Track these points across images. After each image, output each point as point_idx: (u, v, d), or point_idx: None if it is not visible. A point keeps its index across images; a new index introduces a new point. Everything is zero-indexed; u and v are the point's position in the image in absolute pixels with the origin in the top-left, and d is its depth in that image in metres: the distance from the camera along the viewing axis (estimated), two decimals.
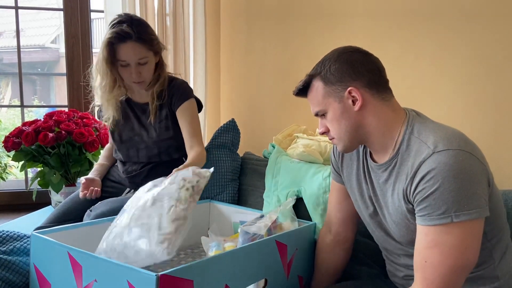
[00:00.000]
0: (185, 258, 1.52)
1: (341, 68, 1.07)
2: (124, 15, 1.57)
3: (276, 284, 1.29)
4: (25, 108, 2.49)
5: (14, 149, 2.07)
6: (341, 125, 1.08)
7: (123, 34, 1.49)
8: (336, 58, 1.08)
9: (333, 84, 1.07)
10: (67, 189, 2.09)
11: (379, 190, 1.12)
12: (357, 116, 1.07)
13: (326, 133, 1.14)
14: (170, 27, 2.23)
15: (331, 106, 1.09)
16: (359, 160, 1.19)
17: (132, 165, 1.73)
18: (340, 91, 1.07)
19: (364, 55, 1.09)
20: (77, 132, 2.06)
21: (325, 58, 1.11)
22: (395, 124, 1.07)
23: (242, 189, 1.83)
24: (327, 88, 1.08)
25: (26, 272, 1.26)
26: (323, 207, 1.52)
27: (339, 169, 1.28)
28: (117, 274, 0.98)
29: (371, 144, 1.11)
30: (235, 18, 2.39)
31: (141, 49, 1.53)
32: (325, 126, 1.13)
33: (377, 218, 1.15)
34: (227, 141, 1.85)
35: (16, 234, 1.38)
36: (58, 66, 4.79)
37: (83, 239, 1.30)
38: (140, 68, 1.55)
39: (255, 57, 2.31)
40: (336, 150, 1.27)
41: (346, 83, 1.06)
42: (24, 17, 4.27)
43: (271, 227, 1.32)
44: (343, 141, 1.11)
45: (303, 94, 1.16)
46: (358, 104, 1.06)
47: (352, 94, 1.05)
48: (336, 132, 1.10)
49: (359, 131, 1.08)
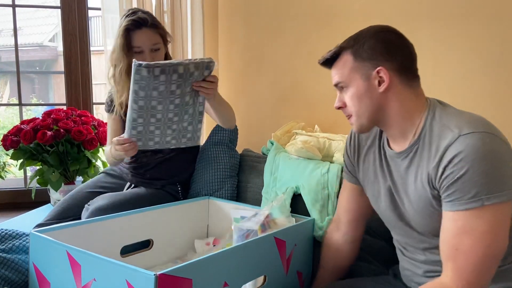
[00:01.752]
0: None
1: (375, 46, 1.03)
2: (136, 8, 1.69)
3: (275, 280, 1.29)
4: (23, 106, 2.49)
5: (13, 148, 2.07)
6: (362, 104, 1.06)
7: (139, 21, 1.58)
8: (372, 35, 1.05)
9: (364, 60, 1.04)
10: (66, 187, 2.09)
11: (400, 179, 1.09)
12: (380, 98, 1.04)
13: (342, 108, 1.11)
14: (168, 24, 2.23)
15: (356, 82, 1.06)
16: (375, 151, 1.17)
17: (143, 157, 1.75)
18: (369, 68, 1.04)
19: (400, 37, 1.06)
20: (75, 130, 2.06)
21: (360, 33, 1.07)
22: (416, 110, 1.05)
23: (241, 185, 1.83)
24: (356, 63, 1.05)
25: (25, 271, 1.26)
26: (321, 203, 1.53)
27: (353, 166, 1.25)
28: (115, 273, 0.98)
29: (389, 128, 1.08)
30: (233, 15, 2.38)
31: (155, 35, 1.62)
32: (342, 101, 1.10)
33: (397, 210, 1.11)
34: (225, 138, 1.85)
35: (15, 232, 1.38)
36: (56, 64, 4.79)
37: (83, 237, 1.30)
38: (153, 55, 1.62)
39: (253, 54, 2.31)
40: (351, 147, 1.25)
41: (377, 62, 1.03)
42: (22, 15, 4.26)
43: (265, 223, 1.32)
44: (361, 119, 1.07)
45: (328, 65, 1.13)
46: (383, 86, 1.03)
47: (380, 75, 1.03)
48: (356, 109, 1.07)
49: (379, 113, 1.06)
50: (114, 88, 1.67)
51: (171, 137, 1.47)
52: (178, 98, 1.39)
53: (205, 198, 1.72)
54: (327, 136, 1.80)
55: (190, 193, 1.81)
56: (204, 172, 1.80)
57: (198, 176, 1.81)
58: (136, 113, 1.37)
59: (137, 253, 1.46)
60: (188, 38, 2.29)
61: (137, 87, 1.32)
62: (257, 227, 1.28)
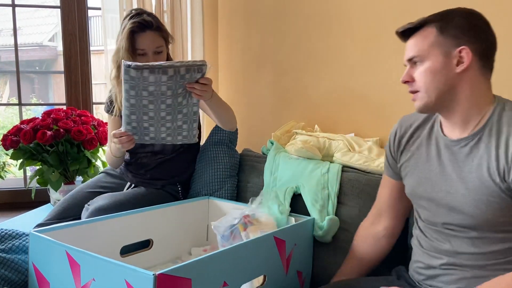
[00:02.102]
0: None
1: (465, 26, 1.02)
2: (139, 8, 1.68)
3: (275, 280, 1.29)
4: (23, 106, 2.49)
5: (13, 148, 2.07)
6: (435, 80, 1.04)
7: (145, 24, 1.58)
8: (463, 14, 1.04)
9: (448, 36, 1.03)
10: (66, 187, 2.09)
11: (455, 167, 1.07)
12: (454, 78, 1.03)
13: (409, 82, 1.09)
14: (168, 24, 2.23)
15: (434, 57, 1.04)
16: (423, 140, 1.17)
17: (143, 157, 1.75)
18: (451, 46, 1.03)
19: (488, 25, 1.05)
20: (75, 130, 2.06)
21: (452, 10, 1.06)
22: (485, 100, 1.05)
23: (241, 185, 1.83)
24: (439, 37, 1.04)
25: (25, 270, 1.26)
26: (321, 203, 1.53)
27: (394, 160, 1.25)
28: (115, 273, 0.98)
29: (452, 114, 1.07)
30: (233, 15, 2.38)
31: (159, 38, 1.63)
32: (410, 76, 1.08)
33: (447, 197, 1.09)
34: (224, 137, 1.85)
35: (15, 232, 1.38)
36: (56, 64, 4.79)
37: (82, 237, 1.30)
38: (156, 57, 1.62)
39: (253, 54, 2.31)
40: (395, 141, 1.24)
41: (461, 42, 1.02)
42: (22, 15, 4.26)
43: (246, 222, 1.33)
44: (428, 96, 1.06)
45: (405, 36, 1.10)
46: (461, 67, 1.02)
47: (462, 54, 1.02)
48: (427, 85, 1.05)
49: (449, 94, 1.04)
50: (116, 88, 1.66)
51: (166, 134, 1.49)
52: (170, 99, 1.41)
53: (205, 198, 1.72)
54: (327, 136, 1.80)
55: (190, 193, 1.81)
56: (204, 172, 1.80)
57: (198, 176, 1.81)
58: (128, 110, 1.41)
59: (137, 253, 1.46)
60: (188, 38, 2.28)
61: (128, 86, 1.35)
62: (235, 222, 1.30)
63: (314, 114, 2.09)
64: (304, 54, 2.09)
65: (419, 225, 1.21)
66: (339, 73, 1.98)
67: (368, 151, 1.67)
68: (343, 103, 1.98)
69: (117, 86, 1.65)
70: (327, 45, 2.02)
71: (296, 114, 2.14)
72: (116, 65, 1.62)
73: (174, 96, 1.40)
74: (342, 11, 1.95)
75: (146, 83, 1.35)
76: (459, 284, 1.07)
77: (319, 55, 2.05)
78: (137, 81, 1.34)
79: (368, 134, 1.88)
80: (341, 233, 1.48)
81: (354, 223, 1.47)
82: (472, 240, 1.06)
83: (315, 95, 2.07)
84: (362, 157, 1.64)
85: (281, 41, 2.18)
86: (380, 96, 1.85)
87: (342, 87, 1.98)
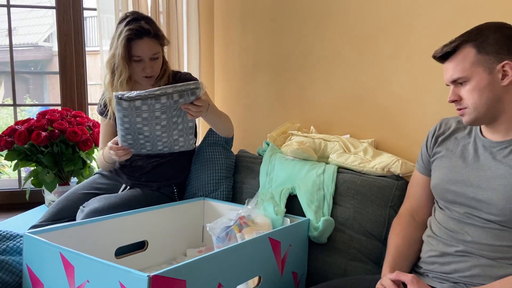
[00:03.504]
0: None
1: (501, 40, 1.07)
2: (135, 12, 1.65)
3: (270, 281, 1.29)
4: (17, 107, 2.48)
5: (7, 148, 2.06)
6: (482, 97, 1.08)
7: (142, 31, 1.56)
8: (497, 30, 1.08)
9: (488, 54, 1.07)
10: (61, 188, 2.08)
11: (492, 165, 1.12)
12: (501, 91, 1.08)
13: (457, 101, 1.13)
14: (163, 25, 2.23)
15: (478, 75, 1.08)
16: (460, 139, 1.21)
17: (138, 160, 1.76)
18: (493, 62, 1.07)
19: None
20: (70, 131, 2.05)
21: (483, 27, 1.10)
22: None
23: (237, 186, 1.83)
24: (479, 56, 1.08)
25: (19, 272, 1.25)
26: (317, 204, 1.53)
27: (430, 154, 1.29)
28: (109, 275, 0.97)
29: (497, 121, 1.12)
30: (229, 15, 2.38)
31: (156, 45, 1.61)
32: (457, 95, 1.13)
33: (477, 192, 1.12)
34: (220, 139, 1.85)
35: (9, 233, 1.37)
36: (51, 65, 4.77)
37: (77, 239, 1.30)
38: (152, 63, 1.62)
39: (249, 55, 2.31)
40: (433, 139, 1.28)
41: (502, 56, 1.06)
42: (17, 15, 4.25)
43: (242, 223, 1.33)
44: (477, 112, 1.10)
45: (443, 59, 1.15)
46: (507, 80, 1.06)
47: (505, 69, 1.06)
48: (475, 102, 1.10)
49: (497, 106, 1.09)
50: (110, 93, 1.65)
51: (163, 147, 1.51)
52: (165, 121, 1.42)
53: (200, 199, 1.72)
54: (323, 137, 1.80)
55: (186, 194, 1.81)
56: (199, 173, 1.80)
57: (194, 177, 1.81)
58: (123, 132, 1.42)
59: (132, 255, 1.45)
60: (184, 39, 2.28)
61: (121, 114, 1.36)
62: (231, 223, 1.30)
63: (310, 115, 2.09)
64: (300, 55, 2.10)
65: (436, 215, 1.23)
66: (335, 74, 1.99)
67: (363, 152, 1.67)
68: (338, 105, 1.99)
69: (111, 91, 1.64)
70: (323, 46, 2.02)
71: (292, 115, 2.14)
72: (110, 70, 1.61)
73: (168, 118, 1.42)
74: (338, 13, 1.95)
75: (139, 111, 1.36)
76: (472, 271, 1.09)
77: (315, 56, 2.05)
78: (130, 110, 1.35)
79: (363, 136, 1.88)
80: (336, 233, 1.48)
81: (349, 224, 1.48)
82: (493, 233, 1.09)
83: (311, 97, 2.08)
84: (357, 159, 1.65)
85: (277, 42, 2.18)
86: (376, 98, 1.86)
87: (338, 89, 1.99)
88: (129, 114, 1.35)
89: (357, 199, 1.51)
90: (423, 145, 1.32)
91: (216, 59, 2.48)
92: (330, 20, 1.98)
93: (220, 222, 1.35)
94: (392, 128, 1.79)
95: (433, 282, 1.14)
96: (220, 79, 2.47)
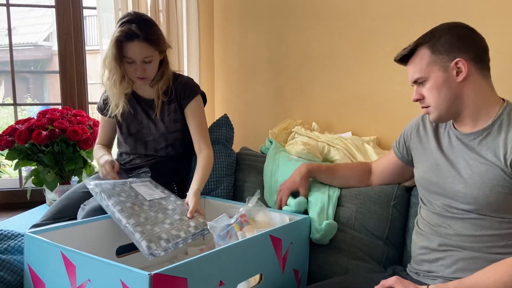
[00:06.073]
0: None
1: (451, 40, 1.13)
2: (134, 13, 1.63)
3: (272, 278, 1.29)
4: (18, 106, 2.48)
5: (8, 148, 2.06)
6: (441, 94, 1.15)
7: (131, 34, 1.54)
8: (447, 31, 1.15)
9: (441, 53, 1.14)
10: (62, 187, 2.08)
11: (464, 155, 1.17)
12: (458, 87, 1.14)
13: (420, 100, 1.20)
14: (163, 24, 2.22)
15: (434, 74, 1.15)
16: (436, 132, 1.27)
17: (137, 158, 1.76)
18: (446, 61, 1.13)
19: (472, 31, 1.15)
20: (70, 130, 2.05)
21: (435, 29, 1.17)
22: (492, 100, 1.15)
23: (239, 185, 1.83)
24: (433, 56, 1.15)
25: (20, 271, 1.25)
26: (320, 205, 1.51)
27: (404, 145, 1.38)
28: (110, 274, 0.97)
29: (463, 116, 1.17)
30: (229, 13, 2.38)
31: (147, 48, 1.58)
32: (420, 94, 1.20)
33: (453, 181, 1.18)
34: (220, 136, 1.85)
35: (10, 232, 1.37)
36: (51, 64, 4.77)
37: (78, 238, 1.30)
38: (144, 66, 1.61)
39: (249, 53, 2.31)
40: (413, 132, 1.35)
41: (454, 54, 1.13)
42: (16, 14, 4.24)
43: (242, 221, 1.32)
44: (439, 110, 1.17)
45: (404, 61, 1.23)
46: (462, 76, 1.12)
47: (458, 65, 1.12)
48: (435, 100, 1.16)
49: (457, 101, 1.15)
50: (109, 91, 1.67)
51: (175, 230, 1.36)
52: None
53: (201, 197, 1.71)
54: (326, 141, 1.79)
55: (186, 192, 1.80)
56: None
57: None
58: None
59: (133, 253, 1.45)
60: (184, 37, 2.28)
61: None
62: (232, 221, 1.31)
63: (311, 112, 2.09)
64: (300, 53, 2.09)
65: (421, 212, 1.29)
66: (335, 71, 1.98)
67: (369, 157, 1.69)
68: (340, 102, 1.98)
69: (109, 90, 1.65)
70: (323, 43, 2.02)
71: (292, 112, 2.14)
72: (105, 67, 1.62)
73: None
74: (339, 10, 1.95)
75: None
76: (457, 265, 1.13)
77: (315, 53, 2.05)
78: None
79: (365, 133, 1.88)
80: (338, 233, 1.47)
81: (351, 223, 1.47)
82: (472, 223, 1.13)
83: (312, 94, 2.08)
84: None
85: (277, 39, 2.18)
86: (376, 95, 1.85)
87: (338, 86, 1.98)
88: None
89: (359, 198, 1.50)
90: (402, 133, 1.40)
91: (216, 57, 2.48)
92: (330, 17, 1.98)
93: (221, 220, 1.34)
94: (394, 125, 1.78)
95: (426, 280, 1.19)
96: (220, 76, 2.47)
